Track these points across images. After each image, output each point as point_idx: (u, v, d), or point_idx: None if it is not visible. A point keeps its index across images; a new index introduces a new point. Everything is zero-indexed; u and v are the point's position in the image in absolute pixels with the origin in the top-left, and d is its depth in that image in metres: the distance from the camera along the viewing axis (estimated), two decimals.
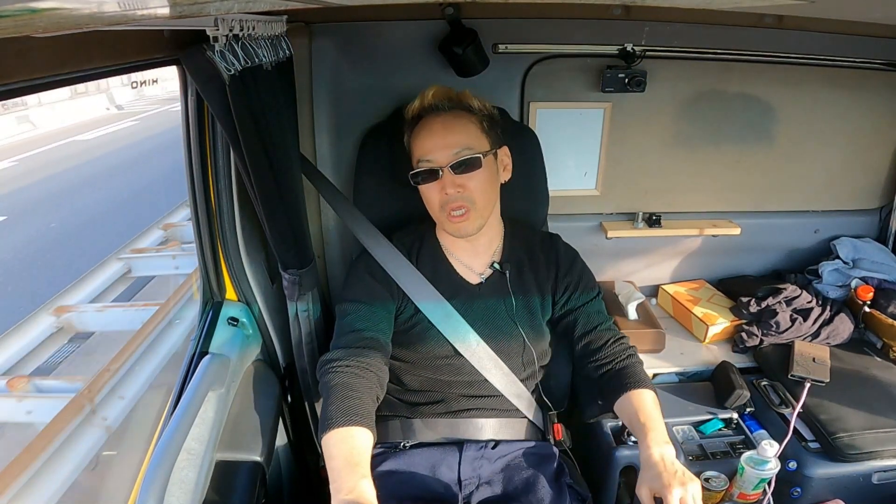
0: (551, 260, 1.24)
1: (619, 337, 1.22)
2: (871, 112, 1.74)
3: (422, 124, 1.16)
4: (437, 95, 1.17)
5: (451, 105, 1.16)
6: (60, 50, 0.66)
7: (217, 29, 0.84)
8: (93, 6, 0.45)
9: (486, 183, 1.14)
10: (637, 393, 1.11)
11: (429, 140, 1.13)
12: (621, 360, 1.18)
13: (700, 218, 1.80)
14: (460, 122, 1.14)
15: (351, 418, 0.98)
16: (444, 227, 1.18)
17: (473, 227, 1.15)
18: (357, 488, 0.88)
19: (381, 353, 1.12)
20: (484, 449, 1.17)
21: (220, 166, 1.16)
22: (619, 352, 1.19)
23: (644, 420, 1.05)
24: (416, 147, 1.16)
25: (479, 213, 1.15)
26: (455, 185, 1.11)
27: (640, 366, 1.19)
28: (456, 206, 1.12)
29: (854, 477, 1.32)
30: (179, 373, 1.14)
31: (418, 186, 1.17)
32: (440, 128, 1.13)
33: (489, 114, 1.19)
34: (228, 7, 0.62)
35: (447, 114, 1.15)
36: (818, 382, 1.48)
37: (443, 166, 1.11)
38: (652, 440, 1.01)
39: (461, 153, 1.11)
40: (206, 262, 1.25)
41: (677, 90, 1.63)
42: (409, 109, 1.20)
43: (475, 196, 1.13)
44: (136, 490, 0.90)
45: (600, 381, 1.20)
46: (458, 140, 1.12)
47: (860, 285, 1.69)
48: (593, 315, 1.23)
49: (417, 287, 1.18)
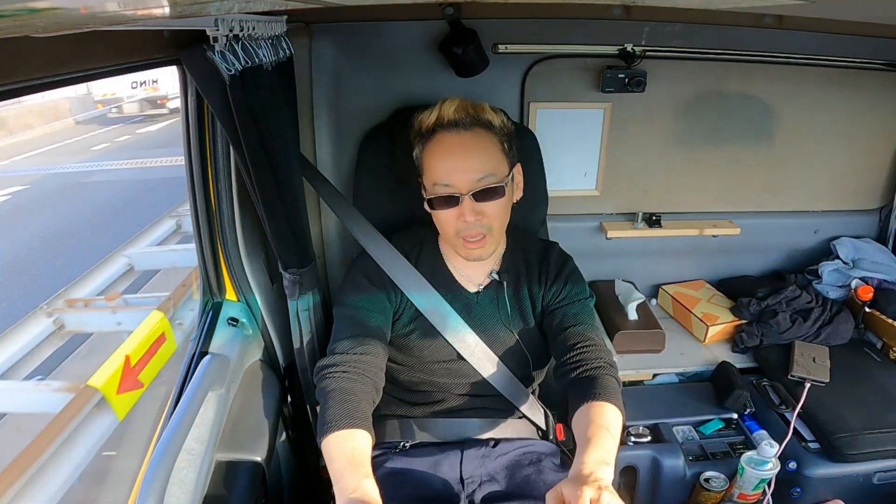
0: (544, 268, 1.22)
1: (594, 344, 1.09)
2: (871, 112, 1.74)
3: (438, 141, 1.08)
4: (458, 110, 1.07)
5: (471, 122, 1.07)
6: (60, 50, 0.66)
7: (217, 29, 0.84)
8: (93, 6, 0.45)
9: (505, 209, 1.10)
10: (596, 405, 0.97)
11: (448, 162, 1.05)
12: (591, 369, 1.05)
13: (700, 218, 1.79)
14: (481, 144, 1.06)
15: (350, 421, 0.98)
16: (456, 250, 1.14)
17: (487, 253, 1.13)
18: (361, 487, 0.88)
19: (377, 358, 1.11)
20: (485, 447, 1.17)
21: (220, 166, 1.16)
22: (591, 359, 1.07)
23: (591, 435, 0.90)
24: (431, 167, 1.08)
25: (494, 239, 1.12)
26: (475, 213, 1.05)
27: (609, 378, 1.04)
28: (473, 234, 1.07)
29: (854, 477, 1.32)
30: (179, 373, 1.15)
31: (432, 210, 1.10)
32: (461, 150, 1.05)
33: (508, 132, 1.11)
34: (228, 7, 0.62)
35: (467, 133, 1.06)
36: (818, 382, 1.48)
37: (463, 193, 1.04)
38: (589, 457, 0.85)
39: (484, 180, 1.04)
40: (206, 262, 1.25)
41: (677, 90, 1.63)
42: (423, 121, 1.10)
43: (493, 223, 1.08)
44: (136, 490, 0.90)
45: (567, 388, 1.07)
46: (481, 166, 1.04)
47: (860, 285, 1.69)
48: (570, 316, 1.14)
49: (417, 288, 1.18)
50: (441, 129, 1.08)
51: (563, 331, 1.13)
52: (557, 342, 1.14)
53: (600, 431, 0.91)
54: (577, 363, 1.07)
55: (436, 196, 1.07)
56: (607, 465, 0.85)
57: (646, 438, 1.42)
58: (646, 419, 1.48)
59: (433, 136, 1.09)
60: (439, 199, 1.07)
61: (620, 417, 0.97)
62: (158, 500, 0.88)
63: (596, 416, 0.95)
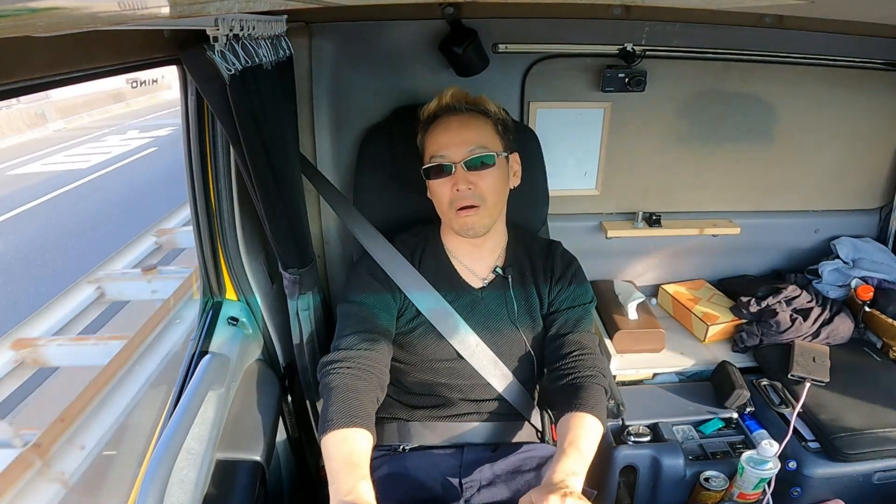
0: (549, 266, 1.23)
1: (590, 353, 1.14)
2: (871, 112, 1.74)
3: (437, 122, 1.17)
4: (455, 97, 1.18)
5: (468, 107, 1.17)
6: (60, 50, 0.66)
7: (217, 29, 0.84)
8: (93, 6, 0.45)
9: (498, 182, 1.14)
10: (578, 416, 1.02)
11: (444, 136, 1.14)
12: (580, 377, 1.09)
13: (700, 218, 1.80)
14: (476, 122, 1.15)
15: (351, 420, 0.98)
16: (451, 224, 1.17)
17: (481, 226, 1.15)
18: (356, 490, 0.88)
19: (382, 355, 1.11)
20: (485, 452, 1.17)
21: (220, 166, 1.16)
22: (583, 367, 1.11)
23: (567, 445, 0.96)
24: (430, 143, 1.16)
25: (488, 212, 1.14)
26: (467, 182, 1.11)
27: (597, 388, 1.08)
28: (466, 204, 1.13)
29: (854, 477, 1.32)
30: (179, 372, 1.15)
31: (428, 181, 1.17)
32: (456, 125, 1.14)
33: (503, 119, 1.20)
34: (228, 7, 0.62)
35: (464, 114, 1.16)
36: (818, 382, 1.48)
37: (456, 162, 1.12)
38: (561, 467, 0.91)
39: (475, 151, 1.12)
40: (206, 262, 1.25)
41: (677, 90, 1.63)
42: (426, 109, 1.19)
43: (486, 194, 1.13)
44: (136, 490, 0.90)
45: (557, 393, 1.11)
46: (474, 138, 1.12)
47: (860, 285, 1.69)
48: (570, 322, 1.18)
49: (417, 288, 1.18)
50: (442, 113, 1.18)
51: (560, 336, 1.17)
52: (553, 347, 1.17)
53: (576, 441, 0.98)
54: (570, 370, 1.12)
55: (432, 166, 1.14)
56: (577, 476, 0.91)
57: (646, 438, 1.41)
58: (646, 419, 1.48)
59: (435, 120, 1.18)
60: (435, 169, 1.14)
61: (599, 428, 1.03)
62: (158, 500, 0.88)
63: (574, 427, 1.01)
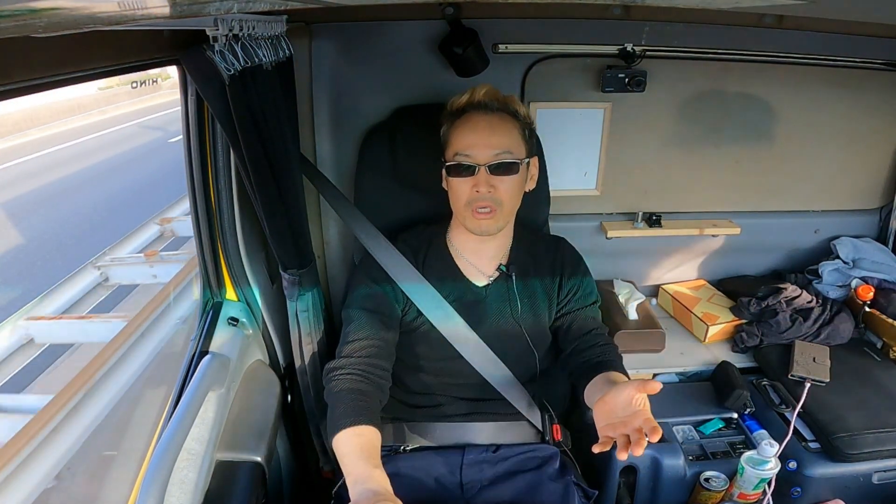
0: (556, 263, 1.24)
1: (607, 342, 1.22)
2: (871, 112, 1.73)
3: (466, 118, 1.15)
4: (489, 94, 1.16)
5: (499, 106, 1.15)
6: (60, 50, 0.66)
7: (217, 29, 0.84)
8: (93, 6, 0.45)
9: (517, 188, 1.15)
10: (614, 374, 1.11)
11: (472, 135, 1.13)
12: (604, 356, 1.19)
13: (700, 218, 1.79)
14: (505, 126, 1.14)
15: (358, 418, 0.99)
16: (464, 222, 1.17)
17: (495, 227, 1.16)
18: (372, 477, 0.90)
19: (384, 361, 1.12)
20: (486, 452, 1.17)
21: (220, 166, 1.16)
22: (604, 351, 1.20)
23: (616, 379, 1.06)
24: (455, 139, 1.15)
25: (503, 216, 1.15)
26: (488, 185, 1.11)
27: (619, 360, 1.19)
28: (484, 205, 1.13)
29: (854, 477, 1.32)
30: (179, 373, 1.14)
31: (448, 177, 1.16)
32: (486, 126, 1.13)
33: (530, 123, 1.20)
34: (228, 7, 0.62)
35: (494, 114, 1.14)
36: (818, 382, 1.48)
37: (480, 164, 1.11)
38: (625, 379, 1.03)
39: (501, 155, 1.11)
40: (206, 262, 1.25)
41: (677, 90, 1.63)
42: (455, 102, 1.18)
43: (504, 198, 1.13)
44: (136, 490, 0.90)
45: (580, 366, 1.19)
46: (502, 142, 1.12)
47: (860, 285, 1.69)
48: (588, 321, 1.23)
49: (417, 288, 1.18)
50: (471, 109, 1.15)
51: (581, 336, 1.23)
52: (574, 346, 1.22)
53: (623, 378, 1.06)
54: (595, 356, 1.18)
55: (455, 164, 1.13)
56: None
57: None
58: None
59: (463, 115, 1.16)
60: (458, 167, 1.13)
61: None
62: (158, 500, 0.87)
63: (612, 378, 1.08)
